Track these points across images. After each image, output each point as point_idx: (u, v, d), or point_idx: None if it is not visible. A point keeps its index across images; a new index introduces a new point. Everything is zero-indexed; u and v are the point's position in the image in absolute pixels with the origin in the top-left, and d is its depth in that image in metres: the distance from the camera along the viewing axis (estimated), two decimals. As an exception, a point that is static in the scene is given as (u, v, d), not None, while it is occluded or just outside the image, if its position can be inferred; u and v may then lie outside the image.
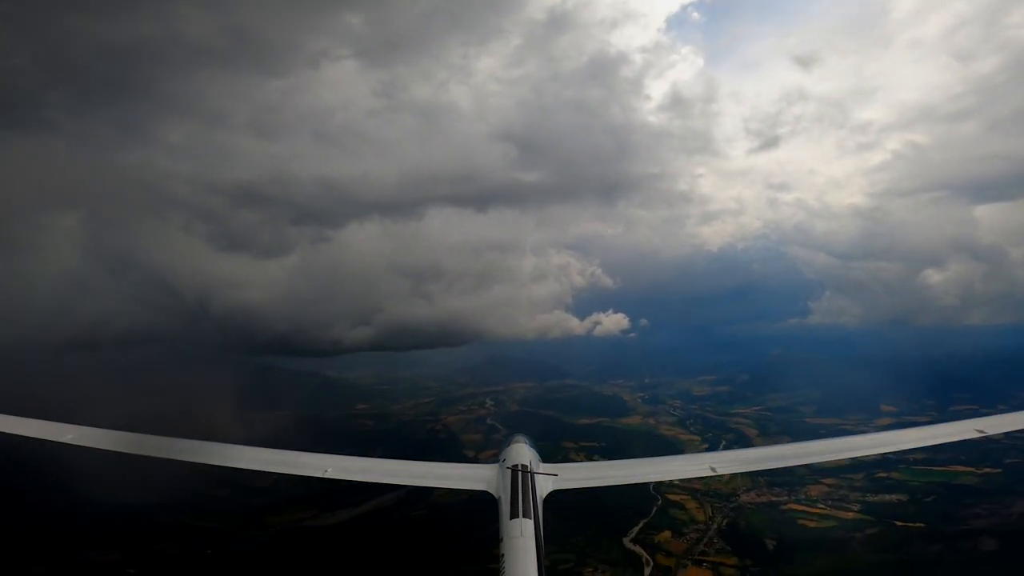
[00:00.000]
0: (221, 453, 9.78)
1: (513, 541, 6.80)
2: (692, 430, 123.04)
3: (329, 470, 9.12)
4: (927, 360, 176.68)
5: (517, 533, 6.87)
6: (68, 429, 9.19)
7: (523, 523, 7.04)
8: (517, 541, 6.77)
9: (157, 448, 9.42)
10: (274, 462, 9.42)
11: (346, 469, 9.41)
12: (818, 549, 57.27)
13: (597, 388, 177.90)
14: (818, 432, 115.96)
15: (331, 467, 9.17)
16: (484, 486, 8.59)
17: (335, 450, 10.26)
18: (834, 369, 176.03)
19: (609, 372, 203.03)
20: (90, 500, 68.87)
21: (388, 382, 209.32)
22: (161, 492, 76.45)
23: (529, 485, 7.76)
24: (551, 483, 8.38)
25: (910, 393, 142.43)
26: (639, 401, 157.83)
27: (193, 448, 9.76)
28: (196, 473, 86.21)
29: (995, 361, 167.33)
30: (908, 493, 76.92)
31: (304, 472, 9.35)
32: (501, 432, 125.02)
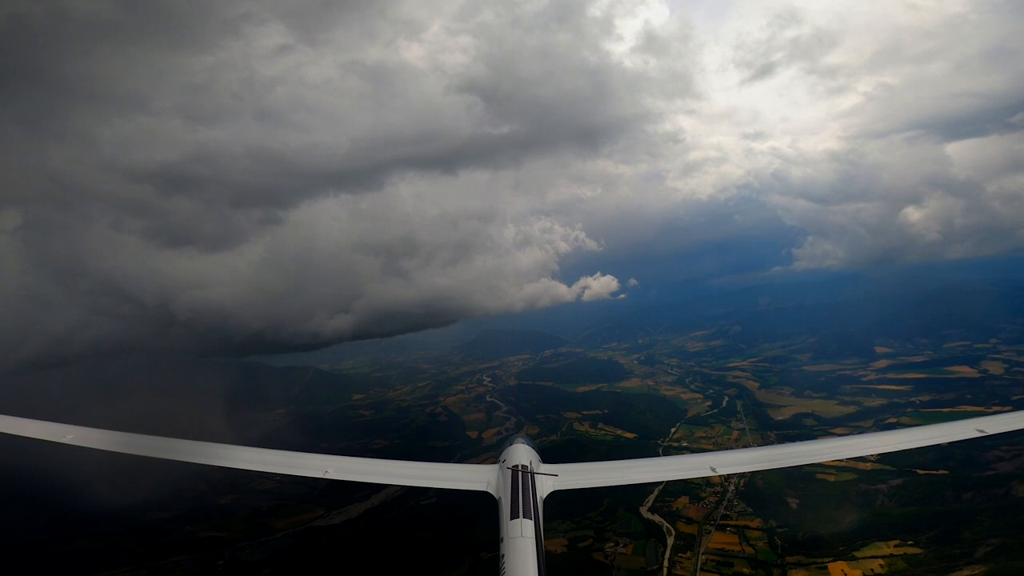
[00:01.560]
0: (221, 454, 9.56)
1: (513, 541, 6.60)
2: (693, 388, 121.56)
3: (329, 471, 8.93)
4: (915, 298, 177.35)
5: (517, 533, 6.66)
6: (68, 430, 9.05)
7: (523, 523, 6.83)
8: (517, 541, 6.57)
9: (157, 449, 9.25)
10: (274, 463, 9.22)
11: (346, 470, 9.23)
12: (844, 504, 55.20)
13: (592, 354, 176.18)
14: (817, 379, 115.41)
15: (331, 468, 8.98)
16: (484, 486, 8.41)
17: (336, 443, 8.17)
18: (824, 314, 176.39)
19: (603, 336, 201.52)
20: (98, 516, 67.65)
21: (383, 368, 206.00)
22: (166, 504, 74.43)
23: (529, 485, 7.61)
24: (551, 483, 8.14)
25: (902, 333, 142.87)
26: (636, 363, 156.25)
27: (193, 449, 9.49)
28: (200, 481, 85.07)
29: (982, 294, 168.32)
30: (921, 438, 75.06)
31: (304, 473, 9.16)
32: (502, 408, 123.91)
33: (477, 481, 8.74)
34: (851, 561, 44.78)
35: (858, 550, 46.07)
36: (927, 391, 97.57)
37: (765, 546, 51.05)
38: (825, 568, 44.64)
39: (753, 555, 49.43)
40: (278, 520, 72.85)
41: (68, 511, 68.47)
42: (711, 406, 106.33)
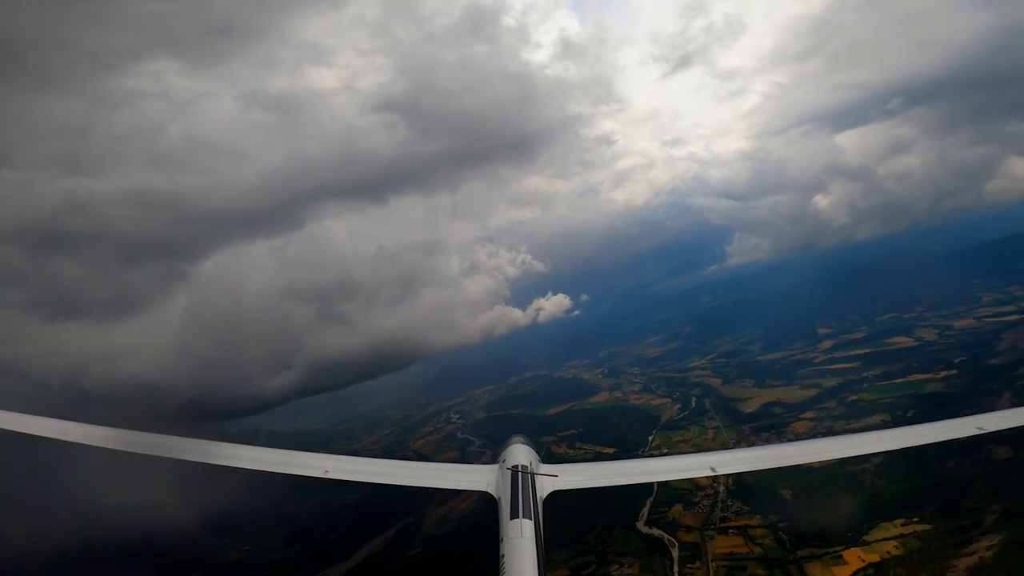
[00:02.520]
0: (221, 453, 9.16)
1: (513, 541, 6.36)
2: (660, 393, 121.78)
3: (329, 470, 8.57)
4: (840, 279, 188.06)
5: (517, 533, 6.44)
6: (68, 427, 8.87)
7: (523, 523, 6.59)
8: (517, 541, 6.34)
9: (157, 447, 8.93)
10: (274, 462, 8.91)
11: (346, 469, 8.89)
12: (835, 489, 55.24)
13: (557, 374, 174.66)
14: (774, 367, 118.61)
15: (331, 467, 8.63)
16: (484, 487, 8.09)
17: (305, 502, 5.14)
18: (763, 304, 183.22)
19: (564, 355, 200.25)
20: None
21: (343, 421, 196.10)
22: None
23: (529, 485, 7.41)
24: (551, 483, 7.87)
25: (837, 313, 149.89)
26: (600, 377, 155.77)
27: (193, 447, 9.09)
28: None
29: (898, 267, 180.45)
30: (888, 411, 77.42)
31: (304, 472, 8.68)
32: (475, 443, 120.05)
33: (477, 481, 8.50)
34: (863, 547, 44.21)
35: (867, 534, 45.71)
36: (875, 365, 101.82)
37: (773, 543, 49.93)
38: (840, 557, 43.82)
39: (763, 554, 48.14)
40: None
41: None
42: (681, 409, 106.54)
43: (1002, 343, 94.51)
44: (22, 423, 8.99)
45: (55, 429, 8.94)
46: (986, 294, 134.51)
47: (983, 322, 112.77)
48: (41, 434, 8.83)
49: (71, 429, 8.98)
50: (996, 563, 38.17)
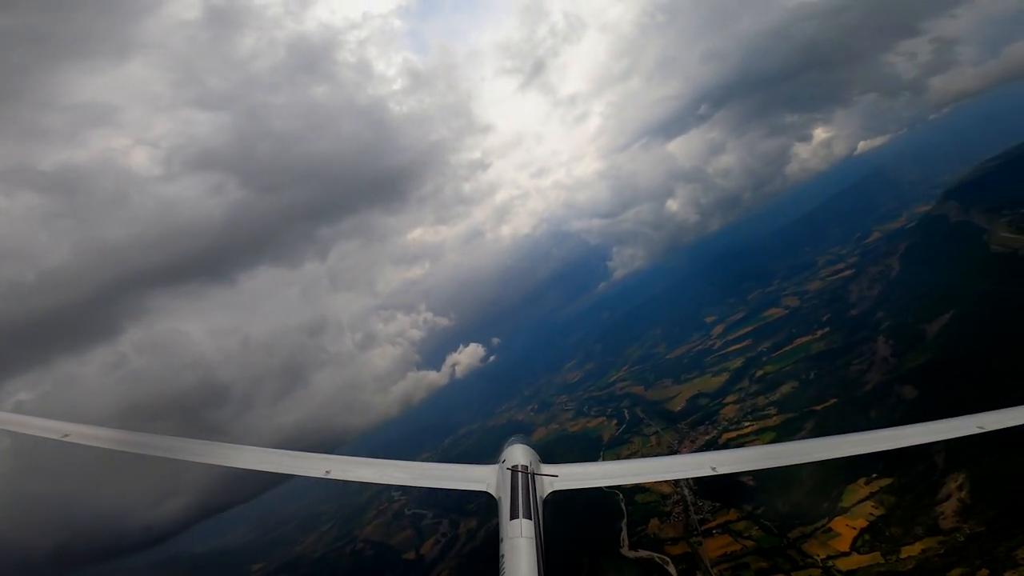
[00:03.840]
0: (222, 453, 8.72)
1: (513, 541, 6.20)
2: (594, 414, 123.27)
3: (331, 471, 8.27)
4: (708, 269, 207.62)
5: (517, 533, 6.28)
6: (68, 427, 8.58)
7: (523, 523, 6.43)
8: (517, 541, 6.18)
9: (157, 448, 8.56)
10: (275, 463, 8.53)
11: (347, 470, 8.55)
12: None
13: (492, 422, 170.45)
14: (682, 362, 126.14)
15: (332, 468, 8.33)
16: (484, 487, 7.86)
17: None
18: (654, 307, 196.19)
19: (492, 402, 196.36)
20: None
21: (275, 527, 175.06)
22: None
23: (529, 486, 7.24)
24: (551, 483, 7.70)
25: (715, 300, 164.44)
26: (533, 414, 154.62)
27: (194, 448, 8.69)
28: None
29: (748, 250, 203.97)
30: (793, 377, 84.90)
31: (305, 472, 8.38)
32: (428, 516, 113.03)
33: (477, 481, 8.24)
34: (845, 514, 46.57)
35: (841, 500, 48.35)
36: (763, 339, 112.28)
37: (760, 532, 51.22)
38: (831, 530, 45.78)
39: (756, 546, 49.08)
40: None
41: None
42: (618, 424, 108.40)
43: (851, 295, 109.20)
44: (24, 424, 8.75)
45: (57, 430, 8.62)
46: (819, 257, 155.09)
47: (827, 281, 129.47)
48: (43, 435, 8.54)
49: (73, 430, 8.65)
50: (976, 499, 41.83)
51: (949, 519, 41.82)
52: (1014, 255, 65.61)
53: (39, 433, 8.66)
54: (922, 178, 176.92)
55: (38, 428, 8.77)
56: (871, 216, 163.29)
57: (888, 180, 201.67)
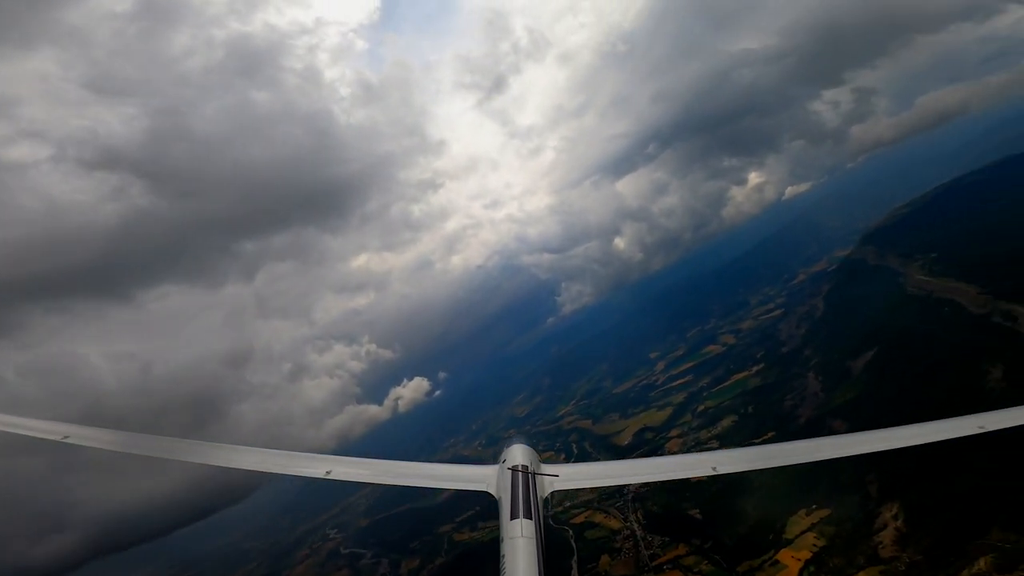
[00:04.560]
0: (222, 454, 8.50)
1: (513, 541, 6.05)
2: (541, 449, 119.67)
3: (331, 471, 8.06)
4: (651, 307, 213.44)
5: (517, 533, 6.12)
6: (68, 429, 8.27)
7: (523, 523, 6.24)
8: (518, 541, 6.03)
9: (157, 448, 8.39)
10: (275, 463, 8.33)
11: (348, 470, 8.29)
12: (739, 493, 58.14)
13: (436, 458, 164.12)
14: (628, 396, 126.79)
15: (333, 468, 8.12)
16: (484, 487, 7.60)
17: None
18: (601, 343, 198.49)
19: (436, 438, 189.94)
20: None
21: (188, 568, 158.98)
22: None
23: (530, 485, 6.99)
24: (552, 483, 7.52)
25: (657, 337, 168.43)
26: (480, 449, 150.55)
27: (194, 448, 8.61)
28: None
29: (687, 289, 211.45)
30: (732, 412, 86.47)
31: (306, 473, 8.17)
32: (366, 555, 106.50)
33: (477, 481, 7.98)
34: (790, 546, 46.30)
35: (785, 531, 48.14)
36: (703, 374, 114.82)
37: (710, 566, 50.11)
38: (777, 562, 45.25)
39: (709, 581, 47.81)
40: None
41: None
42: (566, 458, 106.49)
43: (782, 334, 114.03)
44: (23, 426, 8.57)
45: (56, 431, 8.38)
46: (751, 297, 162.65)
47: (759, 320, 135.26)
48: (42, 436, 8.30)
49: (72, 431, 8.42)
50: (911, 528, 42.58)
51: (888, 548, 42.43)
52: (928, 296, 70.33)
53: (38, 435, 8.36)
54: (841, 223, 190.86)
55: (37, 429, 8.48)
56: (796, 259, 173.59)
57: (811, 225, 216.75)
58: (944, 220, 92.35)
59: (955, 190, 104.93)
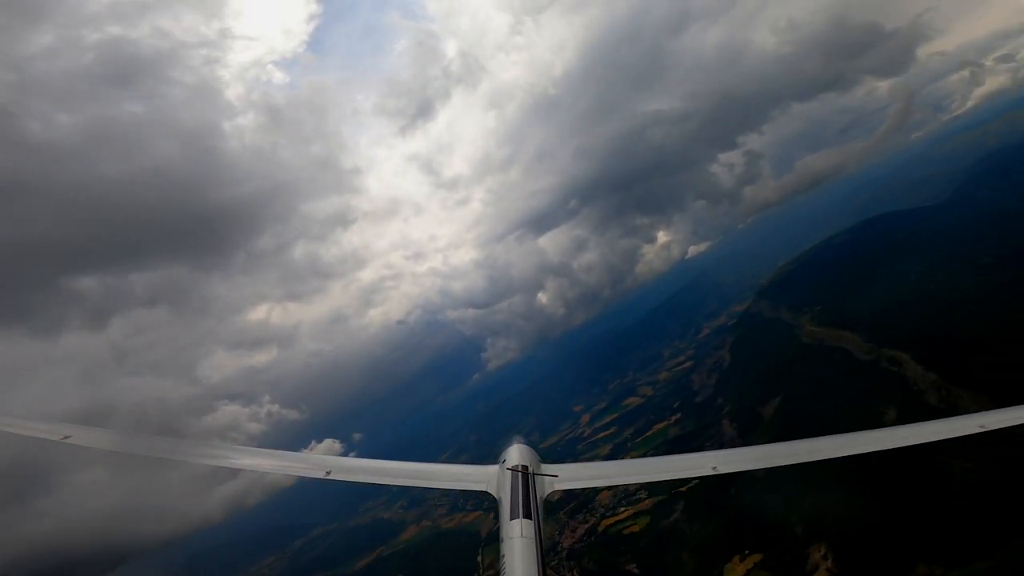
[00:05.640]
0: (222, 454, 8.31)
1: (513, 541, 5.98)
2: (470, 508, 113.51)
3: (332, 471, 7.81)
4: (573, 361, 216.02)
5: (517, 533, 6.03)
6: (67, 429, 8.00)
7: (523, 523, 6.15)
8: (517, 541, 5.95)
9: (158, 449, 8.22)
10: (277, 464, 8.31)
11: (348, 470, 8.02)
12: (674, 544, 56.33)
13: (353, 522, 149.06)
14: (555, 450, 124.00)
15: (333, 468, 7.86)
16: (484, 487, 7.54)
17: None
18: (527, 398, 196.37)
19: (355, 499, 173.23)
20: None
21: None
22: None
23: (529, 486, 6.95)
24: (552, 484, 7.46)
25: (580, 390, 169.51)
26: (402, 511, 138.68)
27: (194, 449, 8.43)
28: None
29: (606, 344, 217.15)
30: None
31: (306, 473, 8.03)
32: None
33: (477, 482, 7.71)
34: None
35: None
36: (626, 426, 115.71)
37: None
38: None
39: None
40: None
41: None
42: (496, 517, 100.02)
43: (695, 384, 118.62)
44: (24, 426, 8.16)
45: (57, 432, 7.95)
46: (664, 350, 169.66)
47: (673, 372, 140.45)
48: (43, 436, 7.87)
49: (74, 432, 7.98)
50: (841, 568, 42.68)
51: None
52: (821, 345, 76.31)
53: (39, 435, 7.96)
54: (737, 280, 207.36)
55: (38, 430, 8.10)
56: (700, 313, 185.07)
57: (711, 282, 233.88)
58: (823, 275, 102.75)
59: (829, 247, 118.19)
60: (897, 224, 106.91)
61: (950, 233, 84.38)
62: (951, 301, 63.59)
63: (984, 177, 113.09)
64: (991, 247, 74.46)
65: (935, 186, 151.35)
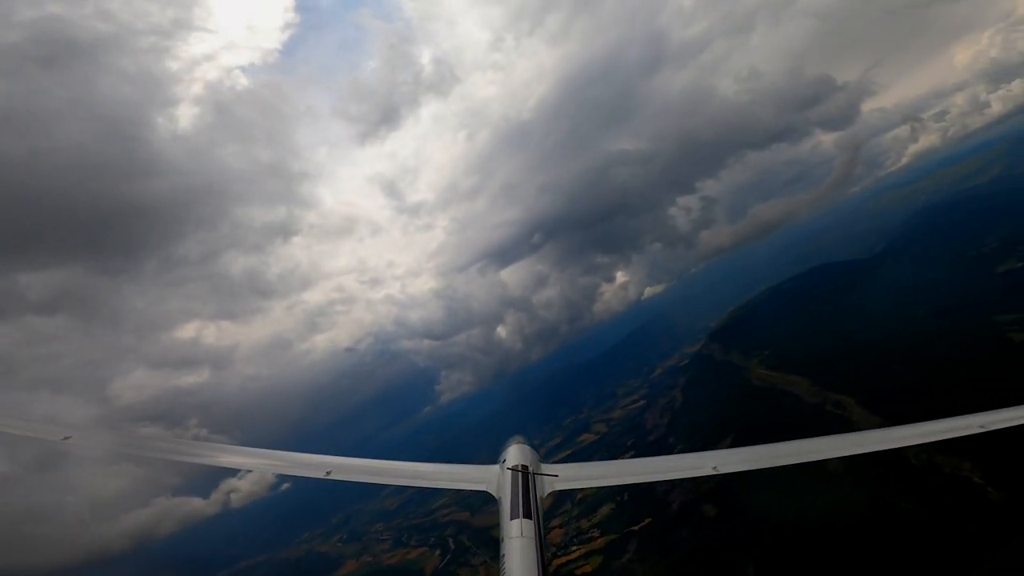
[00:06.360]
0: (223, 454, 8.27)
1: (513, 541, 5.92)
2: (414, 544, 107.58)
3: (332, 471, 7.70)
4: (530, 396, 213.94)
5: (517, 533, 5.98)
6: (68, 430, 7.87)
7: (523, 523, 6.08)
8: (517, 541, 5.90)
9: (159, 449, 8.22)
10: (277, 464, 8.25)
11: (348, 470, 7.92)
12: None
13: (285, 554, 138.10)
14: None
15: (333, 468, 7.75)
16: (484, 487, 7.45)
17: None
18: (479, 432, 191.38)
19: (289, 531, 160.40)
20: None
21: None
22: None
23: (530, 485, 6.90)
24: (552, 483, 7.40)
25: (535, 426, 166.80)
26: (340, 544, 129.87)
27: (195, 449, 8.23)
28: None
29: (562, 380, 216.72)
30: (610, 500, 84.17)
31: (306, 473, 7.92)
32: None
33: (478, 481, 7.63)
34: None
35: None
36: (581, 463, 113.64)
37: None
38: None
39: None
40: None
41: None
42: (443, 553, 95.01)
43: (647, 423, 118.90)
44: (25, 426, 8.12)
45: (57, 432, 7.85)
46: (618, 388, 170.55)
47: (627, 410, 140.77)
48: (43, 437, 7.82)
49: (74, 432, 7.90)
50: None
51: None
52: (771, 388, 78.25)
53: (40, 435, 7.92)
54: (689, 322, 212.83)
55: (39, 430, 8.06)
56: (654, 354, 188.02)
57: (666, 323, 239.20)
58: (772, 321, 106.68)
59: (777, 294, 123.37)
60: (837, 274, 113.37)
61: (886, 284, 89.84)
62: (889, 350, 67.02)
63: (913, 233, 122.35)
64: (921, 301, 79.78)
65: (870, 239, 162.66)
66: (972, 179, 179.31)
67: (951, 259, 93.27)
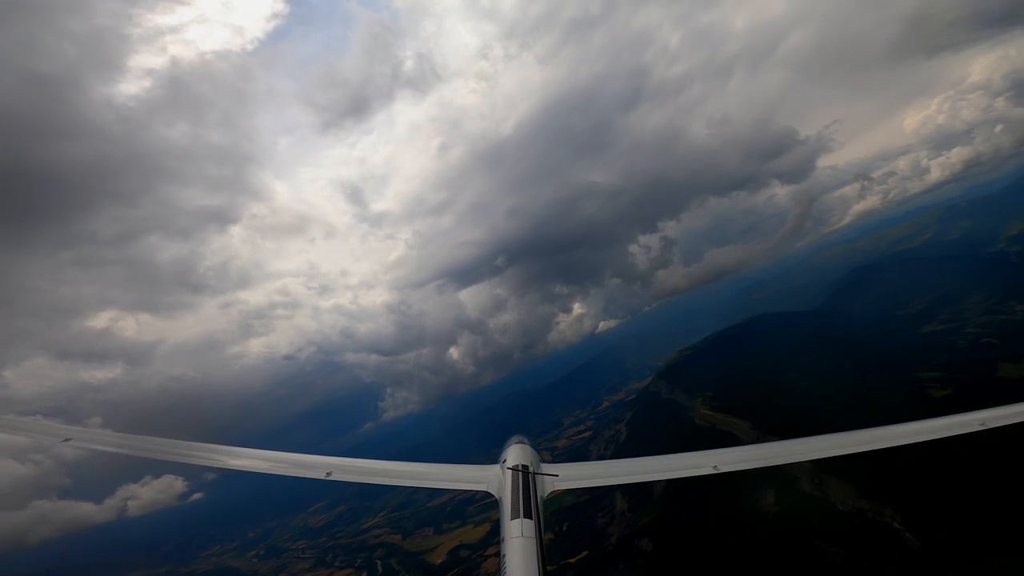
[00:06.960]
0: (223, 455, 8.10)
1: (514, 541, 5.88)
2: (339, 564, 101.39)
3: (332, 472, 7.67)
4: (477, 419, 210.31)
5: (518, 533, 5.95)
6: (70, 431, 7.94)
7: (524, 523, 6.06)
8: (518, 541, 5.86)
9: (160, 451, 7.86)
10: (277, 465, 8.07)
11: (349, 471, 7.87)
12: None
13: (191, 568, 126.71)
14: (444, 511, 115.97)
15: (334, 469, 7.75)
16: (485, 486, 7.43)
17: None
18: (420, 453, 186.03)
19: (194, 546, 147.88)
20: None
21: None
22: None
23: (530, 485, 6.81)
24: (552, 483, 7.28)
25: (479, 450, 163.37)
26: (256, 561, 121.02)
27: (195, 450, 8.02)
28: None
29: (513, 405, 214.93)
30: (549, 530, 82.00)
31: (306, 474, 7.72)
32: None
33: (478, 481, 7.62)
34: None
35: None
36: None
37: None
38: None
39: None
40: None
41: None
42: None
43: (592, 454, 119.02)
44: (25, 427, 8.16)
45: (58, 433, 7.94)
46: (565, 418, 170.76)
47: (572, 440, 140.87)
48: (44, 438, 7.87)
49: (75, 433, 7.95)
50: None
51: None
52: (713, 428, 79.88)
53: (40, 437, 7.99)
54: (638, 359, 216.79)
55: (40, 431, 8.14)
56: (602, 387, 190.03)
57: (616, 358, 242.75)
58: (716, 364, 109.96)
59: (722, 339, 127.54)
60: (778, 325, 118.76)
61: (822, 336, 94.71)
62: (822, 398, 70.22)
63: (849, 290, 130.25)
64: (853, 355, 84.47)
65: (809, 293, 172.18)
66: (905, 242, 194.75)
67: (882, 317, 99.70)
